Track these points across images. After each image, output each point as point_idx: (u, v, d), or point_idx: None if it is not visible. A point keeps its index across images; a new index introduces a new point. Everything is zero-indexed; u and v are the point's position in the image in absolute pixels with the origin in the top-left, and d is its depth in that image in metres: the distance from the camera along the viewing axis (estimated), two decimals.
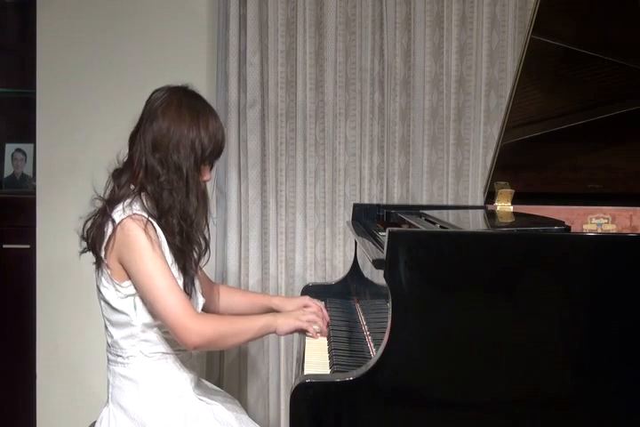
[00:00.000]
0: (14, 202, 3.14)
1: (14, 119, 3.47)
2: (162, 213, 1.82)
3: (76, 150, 2.92)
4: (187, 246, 1.86)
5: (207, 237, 1.93)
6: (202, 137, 1.85)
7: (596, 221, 2.29)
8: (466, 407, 1.52)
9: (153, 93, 1.91)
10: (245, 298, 2.19)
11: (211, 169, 1.93)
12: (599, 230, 2.28)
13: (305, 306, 2.08)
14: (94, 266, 1.86)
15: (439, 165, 2.85)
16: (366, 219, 2.44)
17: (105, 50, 2.91)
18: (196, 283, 1.92)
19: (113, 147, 1.89)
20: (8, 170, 3.38)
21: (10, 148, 3.38)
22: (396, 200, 2.85)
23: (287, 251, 2.87)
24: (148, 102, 1.90)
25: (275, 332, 1.88)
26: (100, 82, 2.91)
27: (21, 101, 3.35)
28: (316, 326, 1.91)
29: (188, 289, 1.85)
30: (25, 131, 3.22)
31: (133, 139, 1.89)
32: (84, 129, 2.91)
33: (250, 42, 2.80)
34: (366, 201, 2.82)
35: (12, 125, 3.49)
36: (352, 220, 2.46)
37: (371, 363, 1.50)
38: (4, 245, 3.08)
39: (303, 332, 1.91)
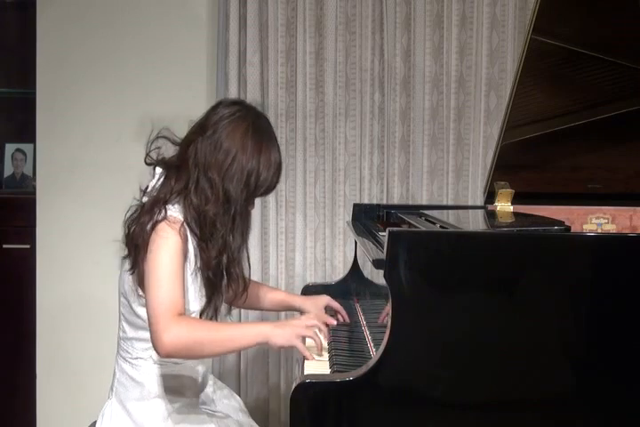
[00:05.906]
0: (14, 202, 3.14)
1: (14, 119, 3.47)
2: (202, 240, 1.73)
3: (76, 150, 2.91)
4: (220, 280, 1.77)
5: (248, 274, 1.85)
6: (260, 172, 1.77)
7: (596, 221, 2.28)
8: (466, 407, 1.52)
9: (223, 105, 1.81)
10: (271, 295, 2.13)
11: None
12: (599, 230, 2.27)
13: (326, 306, 2.06)
14: (124, 260, 1.77)
15: (439, 165, 2.85)
16: (366, 219, 2.43)
17: (105, 50, 2.91)
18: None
19: (113, 147, 1.87)
20: (8, 170, 3.38)
21: (10, 148, 3.38)
22: (396, 200, 2.85)
23: (287, 251, 2.86)
24: (214, 113, 1.79)
25: (267, 344, 1.69)
26: (100, 82, 2.91)
27: (21, 101, 3.35)
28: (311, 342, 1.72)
29: (206, 315, 1.77)
30: (25, 131, 3.21)
31: (189, 142, 1.78)
32: (84, 129, 2.91)
33: (250, 42, 2.80)
34: (366, 201, 2.82)
35: (12, 125, 3.49)
36: (352, 220, 2.46)
37: (371, 363, 1.49)
38: (4, 245, 3.08)
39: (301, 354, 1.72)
